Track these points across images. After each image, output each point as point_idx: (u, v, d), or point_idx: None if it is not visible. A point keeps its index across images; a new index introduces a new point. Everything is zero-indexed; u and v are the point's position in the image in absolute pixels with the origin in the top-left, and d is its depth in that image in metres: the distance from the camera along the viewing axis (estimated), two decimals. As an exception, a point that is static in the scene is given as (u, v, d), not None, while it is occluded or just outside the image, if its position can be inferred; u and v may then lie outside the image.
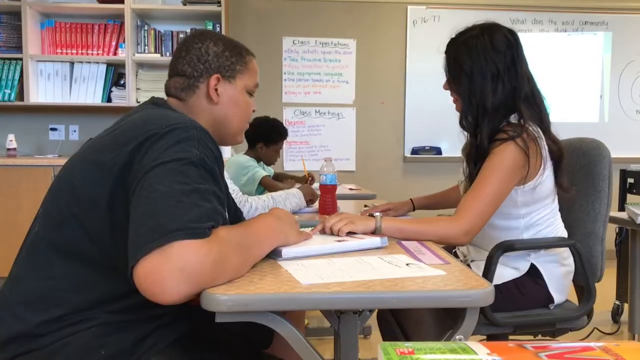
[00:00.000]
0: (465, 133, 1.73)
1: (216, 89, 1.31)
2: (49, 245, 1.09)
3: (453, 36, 1.73)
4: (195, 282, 0.93)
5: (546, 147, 1.63)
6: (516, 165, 1.57)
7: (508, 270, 1.71)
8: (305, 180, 3.21)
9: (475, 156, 1.66)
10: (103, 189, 1.05)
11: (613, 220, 2.50)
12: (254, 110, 1.42)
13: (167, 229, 0.92)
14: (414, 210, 2.11)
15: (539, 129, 1.63)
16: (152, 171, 1.00)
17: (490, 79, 1.62)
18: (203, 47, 1.32)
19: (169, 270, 0.90)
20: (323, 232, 1.45)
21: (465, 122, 1.69)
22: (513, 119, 1.65)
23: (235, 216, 1.49)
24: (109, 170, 1.06)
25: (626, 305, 3.03)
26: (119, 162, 1.06)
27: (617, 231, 3.34)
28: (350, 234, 1.43)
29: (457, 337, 1.03)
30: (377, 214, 1.47)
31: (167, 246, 0.91)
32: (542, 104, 1.67)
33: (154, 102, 1.28)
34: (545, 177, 1.65)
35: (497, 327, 1.65)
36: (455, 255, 1.92)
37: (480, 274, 1.61)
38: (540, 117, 1.65)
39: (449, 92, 1.78)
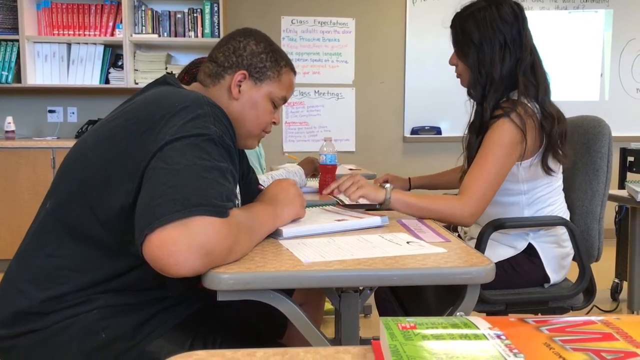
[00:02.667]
0: (471, 101, 1.73)
1: (239, 85, 1.30)
2: (58, 222, 1.09)
3: (458, 10, 1.74)
4: (210, 261, 0.93)
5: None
6: (513, 141, 1.57)
7: (505, 249, 1.72)
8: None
9: (479, 126, 1.67)
10: (113, 168, 1.05)
11: (613, 198, 2.50)
12: (275, 123, 1.39)
13: (190, 202, 0.92)
14: (409, 189, 2.12)
15: (536, 105, 1.63)
16: (170, 144, 1.00)
17: (498, 49, 1.64)
18: (243, 42, 1.32)
19: (188, 243, 0.90)
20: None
21: (474, 91, 1.70)
22: (513, 95, 1.65)
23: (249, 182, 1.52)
24: (120, 148, 1.06)
25: (625, 283, 3.05)
26: (130, 141, 1.05)
27: (616, 209, 3.34)
28: (353, 208, 1.43)
29: (458, 313, 1.04)
30: (388, 185, 1.49)
31: (189, 219, 0.91)
32: (542, 76, 1.67)
33: (165, 80, 1.27)
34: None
35: (487, 304, 1.66)
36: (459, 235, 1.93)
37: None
38: (537, 90, 1.64)
39: (449, 71, 1.79)
